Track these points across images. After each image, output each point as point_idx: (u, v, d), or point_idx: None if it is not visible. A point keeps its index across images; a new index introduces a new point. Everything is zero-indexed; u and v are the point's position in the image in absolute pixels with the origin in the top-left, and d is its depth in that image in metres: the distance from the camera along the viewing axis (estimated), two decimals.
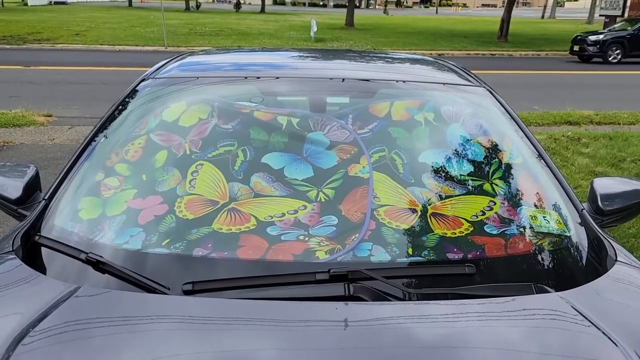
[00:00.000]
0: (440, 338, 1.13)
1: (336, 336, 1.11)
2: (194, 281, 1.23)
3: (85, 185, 1.58)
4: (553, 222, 1.54)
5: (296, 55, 2.72)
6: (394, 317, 1.17)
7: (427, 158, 1.67)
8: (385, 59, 2.57)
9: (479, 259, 1.38)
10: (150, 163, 1.62)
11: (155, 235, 1.39)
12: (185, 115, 1.76)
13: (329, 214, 1.45)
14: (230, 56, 2.55)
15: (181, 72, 2.12)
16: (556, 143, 6.49)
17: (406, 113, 1.82)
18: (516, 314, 1.20)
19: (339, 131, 1.71)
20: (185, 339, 1.09)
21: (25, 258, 1.34)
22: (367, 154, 1.63)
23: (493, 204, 1.54)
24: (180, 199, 1.48)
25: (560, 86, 11.95)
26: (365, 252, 1.36)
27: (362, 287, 1.22)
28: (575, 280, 1.36)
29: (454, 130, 1.78)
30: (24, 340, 1.05)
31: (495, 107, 1.95)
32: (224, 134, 1.70)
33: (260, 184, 1.53)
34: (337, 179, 1.55)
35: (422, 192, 1.54)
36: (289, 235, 1.39)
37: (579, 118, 7.95)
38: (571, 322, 1.18)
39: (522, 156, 1.75)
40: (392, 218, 1.45)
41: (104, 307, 1.18)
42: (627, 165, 5.70)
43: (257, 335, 1.11)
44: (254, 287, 1.24)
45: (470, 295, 1.24)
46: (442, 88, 2.00)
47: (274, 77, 2.02)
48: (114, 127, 1.80)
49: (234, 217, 1.43)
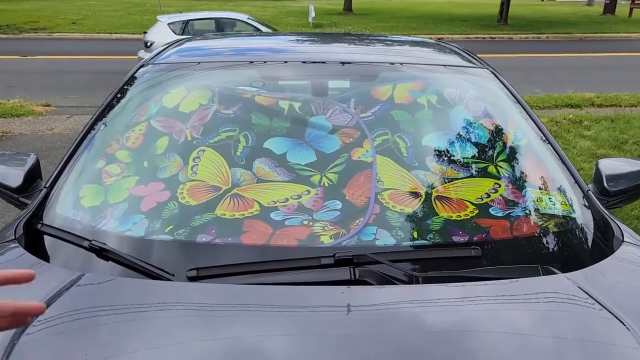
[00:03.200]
0: (447, 321, 1.13)
1: (342, 320, 1.10)
2: (198, 267, 1.22)
3: (86, 173, 1.56)
4: (558, 204, 1.53)
5: (297, 39, 2.69)
6: (400, 301, 1.16)
7: (430, 141, 1.65)
8: (387, 42, 2.55)
9: (485, 241, 1.37)
10: (152, 150, 1.60)
11: (158, 222, 1.38)
12: (185, 101, 1.75)
13: (332, 199, 1.44)
14: (229, 41, 2.52)
15: (180, 57, 2.10)
16: (558, 126, 6.46)
17: (409, 96, 1.80)
18: (523, 296, 1.19)
19: (342, 115, 1.69)
20: (190, 324, 1.08)
21: (28, 246, 1.33)
22: (370, 138, 1.61)
23: (498, 186, 1.53)
24: (183, 186, 1.47)
25: (560, 69, 11.87)
26: (370, 236, 1.35)
27: (367, 271, 1.21)
28: (582, 261, 1.35)
29: (458, 113, 1.76)
30: (27, 330, 1.05)
31: (499, 89, 1.93)
32: (225, 120, 1.68)
33: (262, 169, 1.52)
34: (340, 164, 1.53)
35: (426, 176, 1.53)
36: (293, 220, 1.38)
37: (580, 101, 7.90)
38: (578, 304, 1.18)
39: (526, 138, 1.73)
40: (396, 202, 1.44)
41: (108, 294, 1.17)
42: (629, 147, 5.68)
43: (263, 321, 1.10)
44: (258, 273, 1.23)
45: (477, 278, 1.23)
46: (445, 70, 1.98)
47: (275, 61, 2.00)
48: (114, 114, 1.78)
49: (237, 203, 1.42)
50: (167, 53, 2.12)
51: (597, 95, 8.19)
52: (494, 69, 2.08)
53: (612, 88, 8.96)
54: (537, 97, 8.09)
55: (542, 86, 9.27)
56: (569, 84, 9.32)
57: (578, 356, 1.05)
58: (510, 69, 10.92)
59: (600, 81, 10.05)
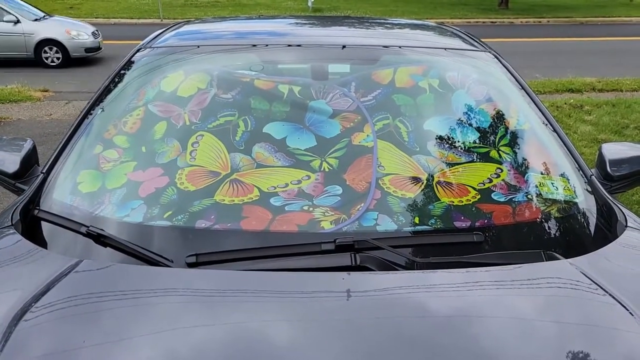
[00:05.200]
0: (449, 306, 1.12)
1: (343, 306, 1.09)
2: (198, 253, 1.21)
3: (83, 158, 1.55)
4: (561, 189, 1.51)
5: (296, 22, 2.65)
6: (401, 286, 1.15)
7: (432, 125, 1.63)
8: (388, 25, 2.51)
9: (487, 226, 1.35)
10: (150, 134, 1.58)
11: (156, 207, 1.36)
12: (184, 85, 1.72)
13: (333, 184, 1.42)
14: (227, 24, 2.49)
15: (178, 41, 2.07)
16: (559, 111, 6.42)
17: (410, 80, 1.77)
18: (526, 281, 1.18)
19: (342, 99, 1.67)
20: (188, 311, 1.07)
21: (25, 232, 1.31)
22: (371, 122, 1.59)
23: (500, 171, 1.51)
24: (181, 171, 1.45)
25: (561, 53, 11.79)
26: (371, 222, 1.33)
27: (368, 257, 1.20)
28: (585, 246, 1.34)
29: (460, 97, 1.73)
30: (25, 316, 1.04)
31: (501, 73, 1.90)
32: (224, 104, 1.66)
33: (262, 154, 1.50)
34: (340, 148, 1.51)
35: (428, 160, 1.51)
36: (293, 205, 1.36)
37: (581, 85, 7.85)
38: (581, 289, 1.17)
39: (529, 122, 1.71)
40: (397, 187, 1.42)
41: (106, 280, 1.16)
42: (630, 132, 5.65)
43: (262, 307, 1.09)
44: (258, 259, 1.22)
45: (479, 264, 1.22)
46: (446, 54, 1.95)
47: (274, 44, 1.97)
48: (111, 98, 1.76)
49: (237, 188, 1.41)
50: (164, 36, 2.09)
51: (598, 80, 8.14)
52: (497, 52, 2.05)
53: (614, 72, 8.89)
54: (537, 82, 8.04)
55: (543, 71, 9.20)
56: (570, 68, 9.25)
57: (581, 341, 1.04)
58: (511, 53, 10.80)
59: (602, 66, 9.98)
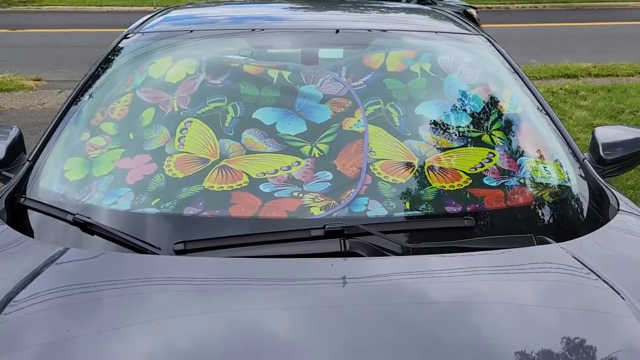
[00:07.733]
0: (440, 291, 1.11)
1: (332, 292, 1.08)
2: (185, 240, 1.20)
3: (70, 146, 1.53)
4: (554, 173, 1.50)
5: (287, 6, 2.62)
6: (392, 272, 1.14)
7: (423, 110, 1.61)
8: (380, 9, 2.48)
9: (478, 211, 1.34)
10: (137, 121, 1.56)
11: (144, 195, 1.34)
12: (172, 71, 1.69)
13: (323, 170, 1.41)
14: (218, 9, 2.45)
15: (166, 26, 2.04)
16: (554, 96, 6.40)
17: (402, 64, 1.75)
18: (517, 266, 1.17)
19: (333, 84, 1.65)
20: (177, 299, 1.06)
21: (11, 221, 1.29)
22: (362, 107, 1.57)
23: (492, 155, 1.50)
24: (170, 158, 1.44)
25: (557, 39, 11.74)
26: (361, 207, 1.32)
27: (358, 243, 1.19)
28: (577, 230, 1.33)
29: (452, 81, 1.71)
30: (9, 305, 1.02)
31: (494, 56, 1.88)
32: (212, 90, 1.64)
33: (251, 140, 1.48)
34: (331, 134, 1.50)
35: (419, 145, 1.50)
36: (282, 192, 1.35)
37: (577, 71, 7.82)
38: (573, 273, 1.16)
39: (522, 106, 1.69)
40: (388, 172, 1.41)
41: (93, 269, 1.15)
42: (625, 117, 5.64)
43: (252, 295, 1.08)
44: (247, 246, 1.21)
45: (470, 248, 1.21)
46: (438, 37, 1.92)
47: (265, 29, 1.94)
48: (98, 85, 1.73)
49: (226, 175, 1.39)
50: (152, 22, 2.06)
51: (593, 65, 8.11)
52: (490, 36, 2.03)
53: (609, 58, 8.86)
54: (533, 68, 8.01)
55: (539, 56, 9.16)
56: (566, 53, 9.21)
57: (572, 325, 1.04)
58: (506, 39, 10.77)
59: (598, 51, 9.94)
